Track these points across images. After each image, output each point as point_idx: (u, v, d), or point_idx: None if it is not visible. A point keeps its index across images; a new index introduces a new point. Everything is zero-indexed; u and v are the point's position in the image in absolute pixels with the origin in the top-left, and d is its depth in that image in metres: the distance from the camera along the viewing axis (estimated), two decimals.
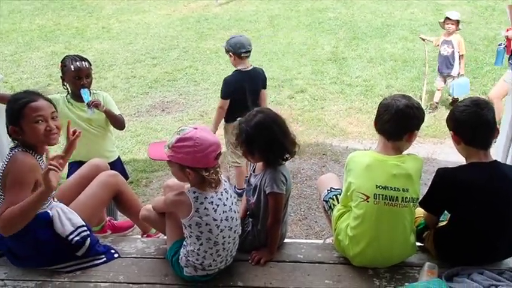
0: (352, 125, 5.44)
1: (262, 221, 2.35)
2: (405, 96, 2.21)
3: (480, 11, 9.79)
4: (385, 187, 2.13)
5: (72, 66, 2.89)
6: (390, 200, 2.14)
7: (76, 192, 2.51)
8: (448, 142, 4.68)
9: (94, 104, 2.89)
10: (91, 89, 3.01)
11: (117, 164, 3.24)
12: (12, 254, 2.29)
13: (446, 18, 5.48)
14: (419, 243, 2.43)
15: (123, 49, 8.36)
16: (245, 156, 2.34)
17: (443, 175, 2.21)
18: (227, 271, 2.27)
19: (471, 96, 2.30)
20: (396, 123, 2.16)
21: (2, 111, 2.98)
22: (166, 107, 6.06)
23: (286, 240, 2.54)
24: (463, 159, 2.26)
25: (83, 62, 2.93)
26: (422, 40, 5.94)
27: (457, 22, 5.43)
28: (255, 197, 2.34)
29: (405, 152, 2.25)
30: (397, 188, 2.14)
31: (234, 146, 2.48)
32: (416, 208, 2.28)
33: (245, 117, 2.28)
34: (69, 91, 3.00)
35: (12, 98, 2.28)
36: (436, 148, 4.84)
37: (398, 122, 2.15)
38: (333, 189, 2.59)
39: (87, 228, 2.31)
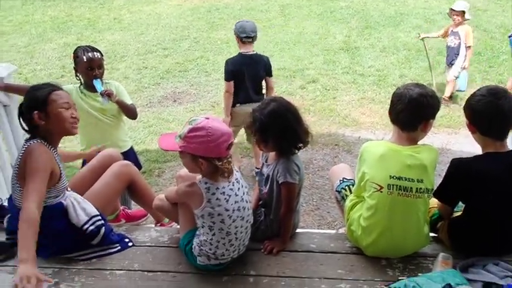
0: (364, 115, 5.40)
1: (275, 211, 2.35)
2: (419, 85, 2.17)
3: None
4: (399, 177, 2.11)
5: (84, 57, 2.91)
6: (404, 190, 2.11)
7: (90, 182, 2.53)
8: (463, 132, 4.64)
9: (107, 93, 2.90)
10: (103, 79, 3.02)
11: (130, 153, 3.26)
12: None
13: (451, 10, 5.37)
14: (433, 233, 2.40)
15: (134, 40, 8.38)
16: (258, 145, 2.33)
17: (458, 165, 2.18)
18: (240, 260, 2.27)
19: (488, 85, 2.24)
20: (410, 113, 2.12)
21: (15, 104, 3.04)
22: (178, 98, 6.08)
23: (298, 230, 2.54)
24: (478, 149, 2.23)
25: (94, 52, 2.95)
26: (422, 40, 5.90)
27: (463, 13, 5.29)
28: (268, 187, 2.34)
29: (420, 142, 2.22)
30: (412, 178, 2.11)
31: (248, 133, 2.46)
32: (431, 199, 2.26)
33: (259, 105, 2.28)
34: (82, 81, 3.02)
35: (34, 86, 2.29)
36: (450, 138, 4.79)
37: (412, 111, 2.11)
38: (345, 180, 2.58)
39: (101, 218, 2.33)
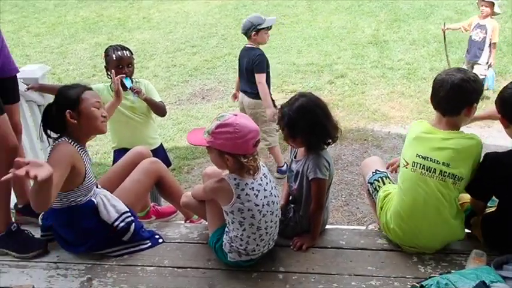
0: (394, 110, 5.31)
1: (304, 207, 2.35)
2: (460, 70, 2.14)
3: None
4: (425, 157, 2.12)
5: (114, 56, 2.97)
6: (427, 170, 2.12)
7: (119, 179, 2.57)
8: (496, 126, 4.49)
9: (135, 91, 2.95)
10: (133, 77, 3.07)
11: (160, 151, 3.30)
12: (62, 239, 2.38)
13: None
14: (466, 229, 2.34)
15: (163, 38, 8.48)
16: (286, 141, 2.33)
17: (492, 160, 2.13)
18: (269, 256, 2.28)
19: None
20: (452, 98, 2.09)
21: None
22: (206, 95, 6.12)
23: (328, 227, 2.53)
24: None
25: (124, 51, 3.01)
26: (443, 32, 5.37)
27: (492, 4, 4.89)
28: (297, 183, 2.34)
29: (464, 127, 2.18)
30: (438, 160, 2.10)
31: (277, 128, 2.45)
32: (460, 188, 2.19)
33: (287, 101, 2.28)
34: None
35: (65, 87, 2.35)
36: (483, 132, 4.65)
37: (454, 96, 2.08)
38: (378, 171, 2.55)
39: (131, 214, 2.37)
